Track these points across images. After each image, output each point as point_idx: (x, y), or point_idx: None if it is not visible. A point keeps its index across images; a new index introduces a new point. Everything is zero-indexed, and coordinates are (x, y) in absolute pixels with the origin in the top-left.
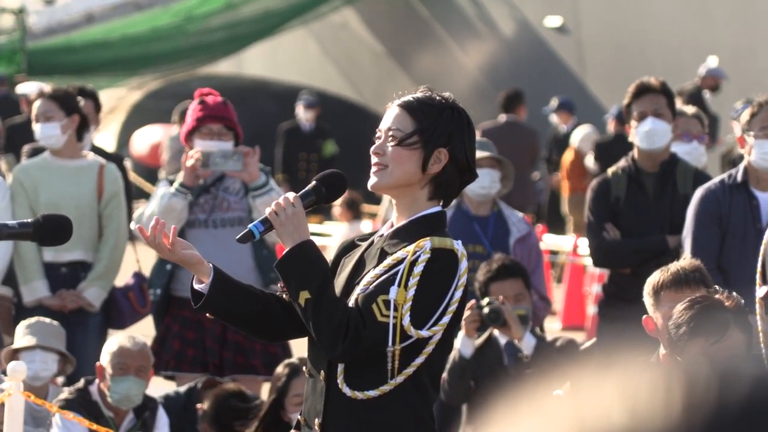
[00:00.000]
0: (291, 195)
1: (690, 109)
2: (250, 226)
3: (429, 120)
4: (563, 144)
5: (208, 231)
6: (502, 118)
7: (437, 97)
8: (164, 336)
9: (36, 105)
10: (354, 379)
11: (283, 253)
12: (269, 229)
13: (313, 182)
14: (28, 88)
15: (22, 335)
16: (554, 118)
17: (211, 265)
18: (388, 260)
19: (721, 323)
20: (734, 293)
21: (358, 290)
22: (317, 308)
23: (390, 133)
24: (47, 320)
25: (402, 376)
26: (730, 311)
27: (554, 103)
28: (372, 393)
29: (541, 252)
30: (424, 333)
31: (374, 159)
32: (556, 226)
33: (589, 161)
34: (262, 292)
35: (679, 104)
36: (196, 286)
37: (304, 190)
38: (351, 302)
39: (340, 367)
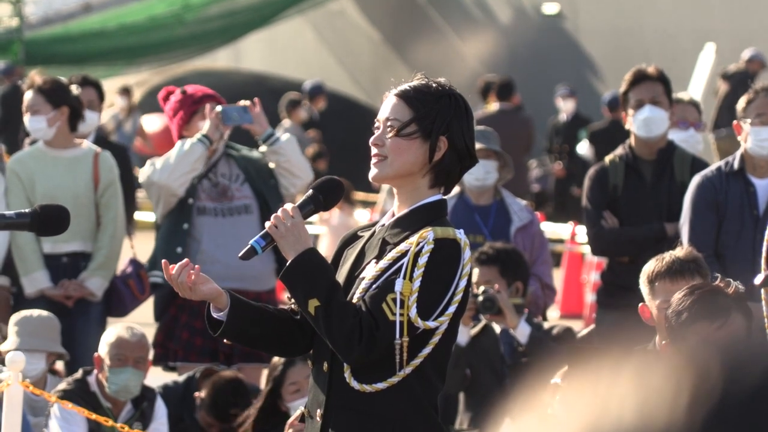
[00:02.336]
0: (289, 206)
1: (686, 96)
2: (251, 242)
3: (426, 108)
4: (564, 133)
5: (217, 219)
6: (495, 106)
7: (434, 84)
8: (170, 326)
9: (26, 97)
10: (362, 373)
11: (287, 264)
12: (271, 243)
13: (310, 191)
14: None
15: (11, 333)
16: (568, 105)
17: (227, 293)
18: (392, 253)
19: (723, 307)
20: (733, 281)
21: (363, 284)
22: (328, 314)
23: (388, 123)
24: (35, 314)
25: (410, 367)
26: (730, 297)
27: (564, 90)
28: (380, 385)
29: (546, 240)
30: (431, 324)
31: (374, 150)
32: (561, 214)
33: (583, 148)
34: (276, 310)
35: (724, 87)
36: (215, 315)
37: (301, 200)
38: (356, 298)
39: None
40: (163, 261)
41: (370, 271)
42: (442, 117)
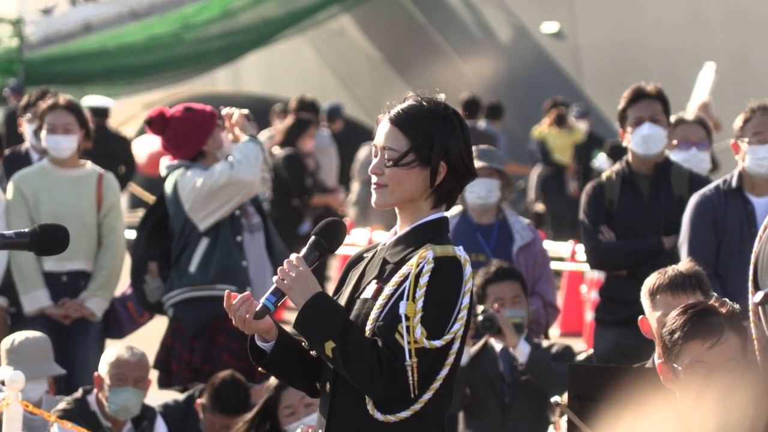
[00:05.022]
0: (294, 257)
1: (690, 116)
2: (262, 300)
3: (422, 136)
4: (578, 153)
5: (248, 235)
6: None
7: (426, 105)
8: (208, 349)
9: (52, 115)
10: (384, 403)
11: (297, 313)
12: (281, 297)
13: (312, 237)
14: (94, 101)
15: (5, 361)
16: (581, 126)
17: (276, 327)
18: (396, 277)
19: (716, 326)
20: (728, 300)
21: (373, 314)
22: (345, 354)
23: (385, 153)
24: (29, 338)
25: (430, 392)
26: (724, 316)
27: (577, 111)
28: (404, 414)
29: (548, 259)
30: (437, 343)
31: (374, 178)
32: (575, 234)
33: (600, 161)
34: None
35: None
36: (259, 344)
37: (305, 249)
38: (368, 329)
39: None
40: (226, 291)
41: (370, 292)
42: (439, 142)
